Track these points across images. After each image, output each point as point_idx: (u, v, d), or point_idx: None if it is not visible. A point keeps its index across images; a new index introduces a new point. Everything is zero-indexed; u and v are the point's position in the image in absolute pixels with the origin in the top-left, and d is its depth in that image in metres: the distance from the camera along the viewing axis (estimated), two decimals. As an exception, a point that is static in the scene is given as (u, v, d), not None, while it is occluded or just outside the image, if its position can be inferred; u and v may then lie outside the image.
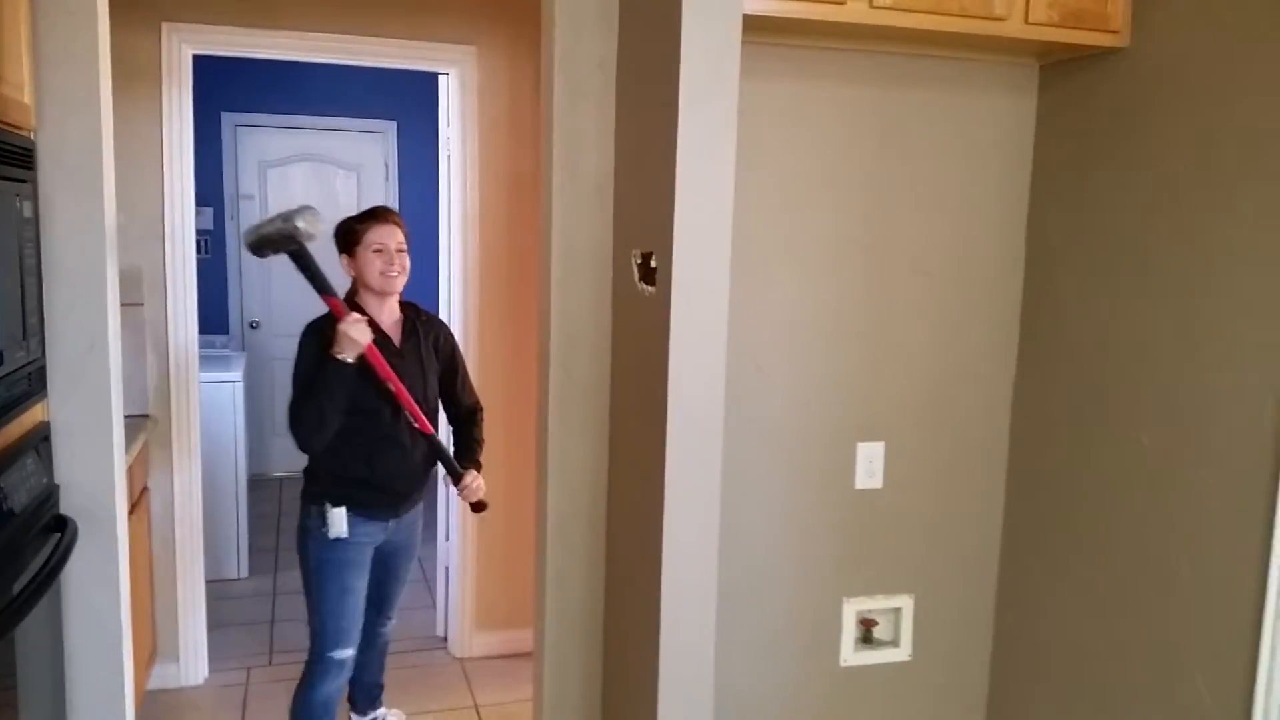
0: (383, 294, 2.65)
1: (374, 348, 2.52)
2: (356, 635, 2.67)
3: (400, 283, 2.66)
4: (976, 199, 2.51)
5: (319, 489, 2.60)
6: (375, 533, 2.65)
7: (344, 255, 2.65)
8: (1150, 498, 2.17)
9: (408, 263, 2.68)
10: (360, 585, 2.65)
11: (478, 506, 2.84)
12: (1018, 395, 2.59)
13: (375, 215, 2.67)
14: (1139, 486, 2.20)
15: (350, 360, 2.45)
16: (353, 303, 2.61)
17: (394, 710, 3.18)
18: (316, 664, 2.63)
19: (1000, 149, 2.50)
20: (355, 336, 2.44)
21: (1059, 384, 2.44)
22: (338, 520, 2.54)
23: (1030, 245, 2.54)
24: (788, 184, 2.37)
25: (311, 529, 2.59)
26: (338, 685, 2.67)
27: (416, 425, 2.63)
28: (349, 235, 2.64)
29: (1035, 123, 2.50)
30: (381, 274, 2.60)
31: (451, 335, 2.90)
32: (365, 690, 3.08)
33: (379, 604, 2.88)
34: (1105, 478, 2.29)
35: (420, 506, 2.84)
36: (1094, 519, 2.33)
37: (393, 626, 3.04)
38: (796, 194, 2.38)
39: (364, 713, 3.10)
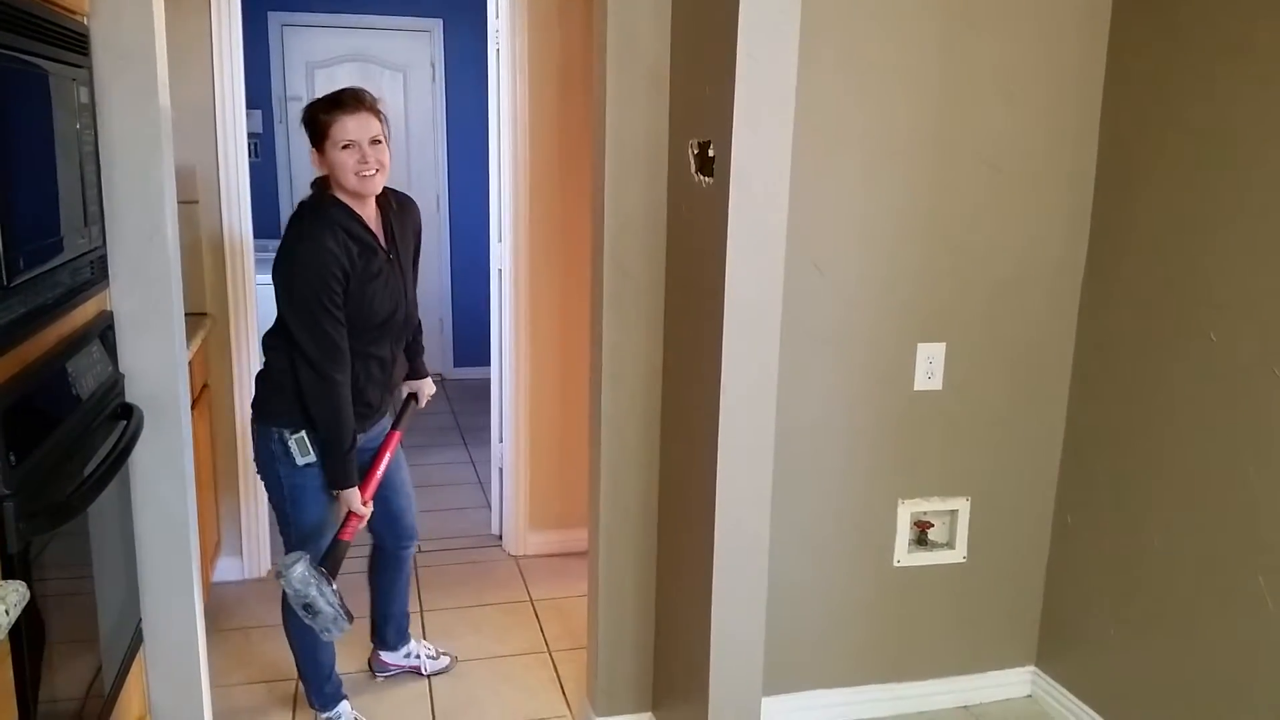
0: (361, 196, 2.28)
1: (373, 474, 2.43)
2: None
3: (379, 182, 2.27)
4: (1048, 89, 2.40)
5: (276, 408, 2.32)
6: None
7: (314, 150, 2.27)
8: (1218, 399, 2.11)
9: (386, 157, 2.27)
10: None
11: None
12: (1085, 295, 2.51)
13: (343, 103, 2.22)
14: (1207, 387, 2.14)
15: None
16: (332, 199, 2.27)
17: (425, 642, 2.95)
18: None
19: (1074, 34, 2.39)
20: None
21: (1129, 283, 2.36)
22: (301, 446, 2.30)
23: (1104, 138, 2.43)
24: (851, 68, 2.29)
25: (277, 454, 2.32)
26: None
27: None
28: (315, 127, 2.24)
29: (1111, 6, 2.37)
30: (357, 174, 2.21)
31: (419, 215, 2.55)
32: (395, 623, 2.82)
33: (392, 522, 2.64)
34: (1173, 379, 2.23)
35: (388, 416, 2.57)
36: (1160, 421, 2.28)
37: (414, 551, 2.79)
38: (860, 79, 2.30)
39: (395, 647, 2.84)
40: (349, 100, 2.22)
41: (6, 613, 1.28)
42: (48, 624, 1.59)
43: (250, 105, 3.50)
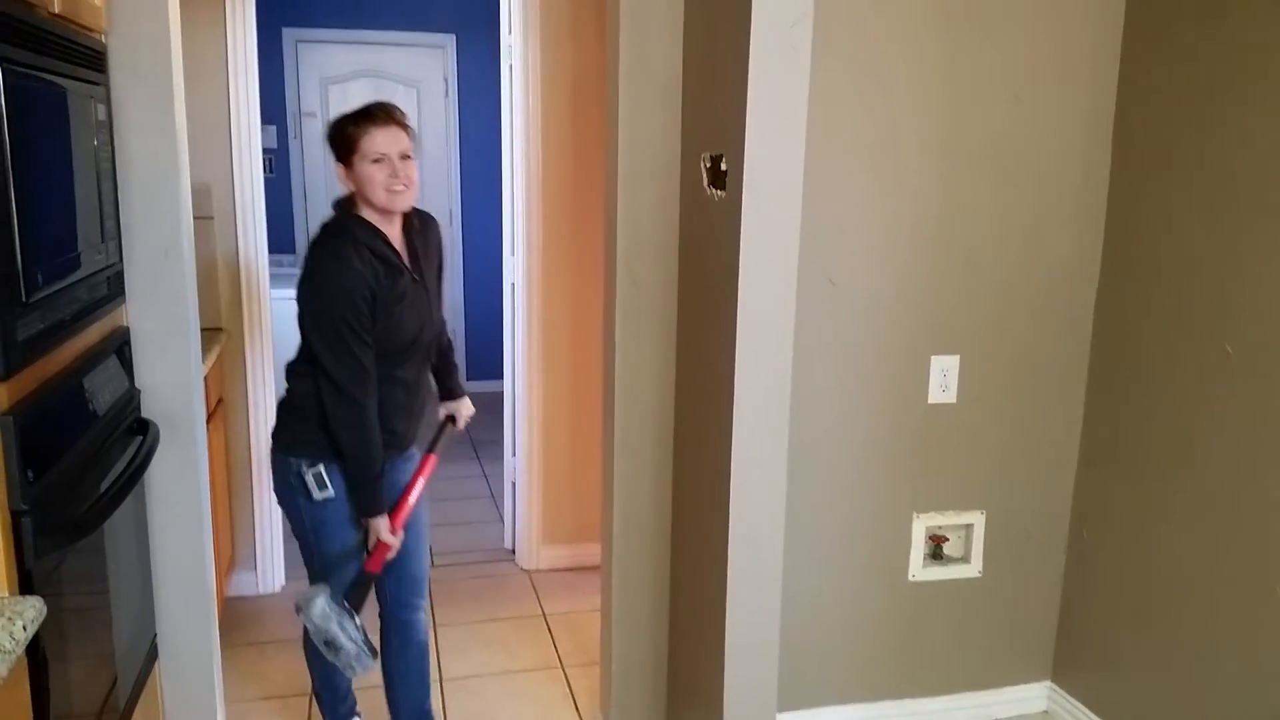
0: (389, 213, 2.18)
1: (406, 498, 2.28)
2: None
3: (409, 199, 2.17)
4: (1060, 97, 2.40)
5: (296, 438, 2.21)
6: None
7: (339, 165, 2.16)
8: (1235, 411, 2.09)
9: (414, 173, 2.16)
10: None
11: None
12: (1100, 306, 2.50)
13: (373, 116, 2.13)
14: (1224, 399, 2.12)
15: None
16: (357, 218, 2.17)
17: None
18: None
19: (1086, 39, 2.38)
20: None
21: (1144, 293, 2.35)
22: (318, 481, 2.19)
23: (1117, 145, 2.42)
24: (862, 80, 2.29)
25: (295, 487, 2.21)
26: None
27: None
28: (343, 140, 2.14)
29: (1124, 9, 2.37)
30: (387, 190, 2.11)
31: (440, 233, 2.44)
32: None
33: (400, 571, 2.35)
34: (1189, 391, 2.21)
35: (415, 448, 2.40)
36: (1176, 433, 2.26)
37: (425, 617, 2.44)
38: (871, 91, 2.30)
39: None
40: (379, 114, 2.14)
41: (24, 628, 1.28)
42: (64, 639, 1.60)
43: (265, 121, 3.52)
